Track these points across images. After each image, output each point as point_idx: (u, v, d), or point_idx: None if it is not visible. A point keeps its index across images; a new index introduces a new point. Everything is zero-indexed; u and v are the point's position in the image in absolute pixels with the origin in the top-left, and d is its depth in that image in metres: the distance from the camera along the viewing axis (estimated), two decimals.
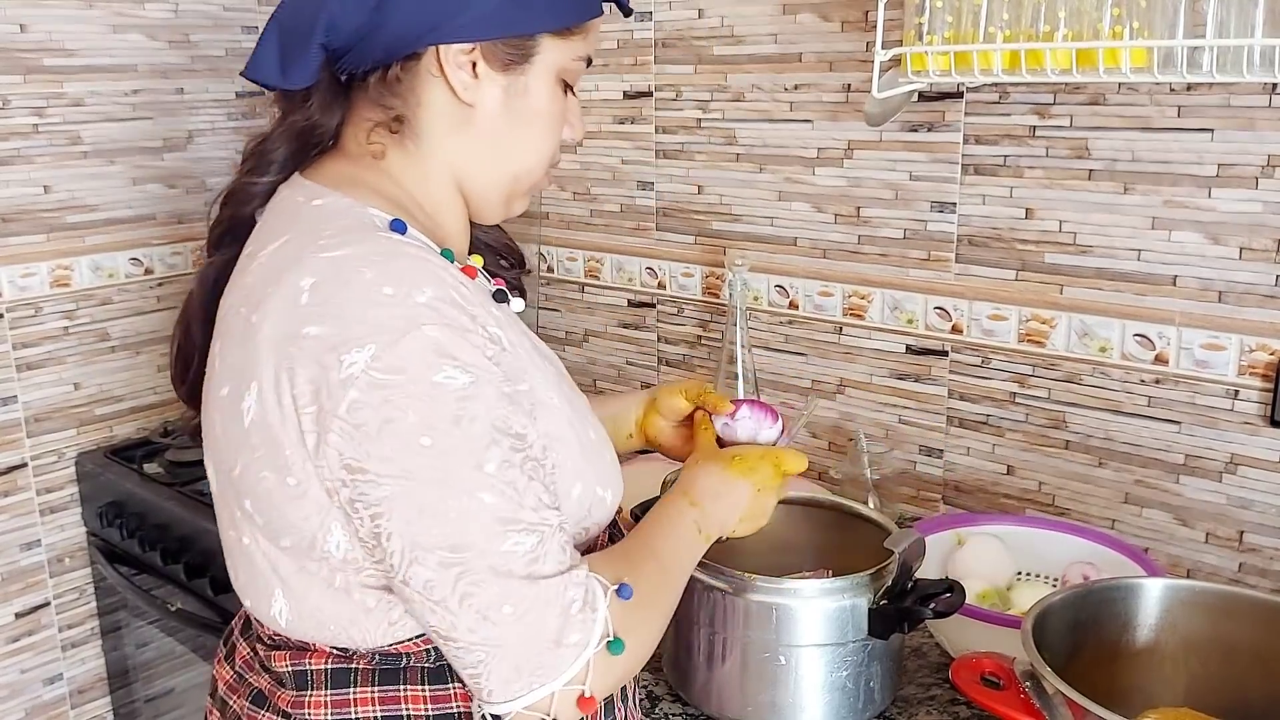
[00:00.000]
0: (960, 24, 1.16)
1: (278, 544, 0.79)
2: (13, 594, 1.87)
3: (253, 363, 0.75)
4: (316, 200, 0.81)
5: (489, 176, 0.87)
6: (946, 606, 0.99)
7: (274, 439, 0.75)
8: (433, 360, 0.71)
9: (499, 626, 0.73)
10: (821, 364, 1.57)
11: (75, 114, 1.85)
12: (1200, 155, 1.20)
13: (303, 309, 0.73)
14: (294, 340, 0.73)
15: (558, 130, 0.88)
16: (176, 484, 1.75)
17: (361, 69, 0.81)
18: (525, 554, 0.74)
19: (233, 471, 0.79)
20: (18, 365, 1.83)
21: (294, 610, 0.81)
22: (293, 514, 0.77)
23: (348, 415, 0.71)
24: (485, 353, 0.75)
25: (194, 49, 1.98)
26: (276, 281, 0.76)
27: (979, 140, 1.36)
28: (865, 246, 1.49)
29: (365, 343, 0.71)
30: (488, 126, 0.84)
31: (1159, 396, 1.28)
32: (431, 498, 0.72)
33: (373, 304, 0.72)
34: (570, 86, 0.88)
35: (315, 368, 0.72)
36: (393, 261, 0.75)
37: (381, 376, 0.70)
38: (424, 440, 0.71)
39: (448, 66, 0.80)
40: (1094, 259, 1.30)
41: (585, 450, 0.86)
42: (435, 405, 0.71)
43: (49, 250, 1.85)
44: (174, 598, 1.71)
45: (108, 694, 2.01)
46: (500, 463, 0.73)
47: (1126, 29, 1.05)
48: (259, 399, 0.75)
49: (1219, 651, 0.97)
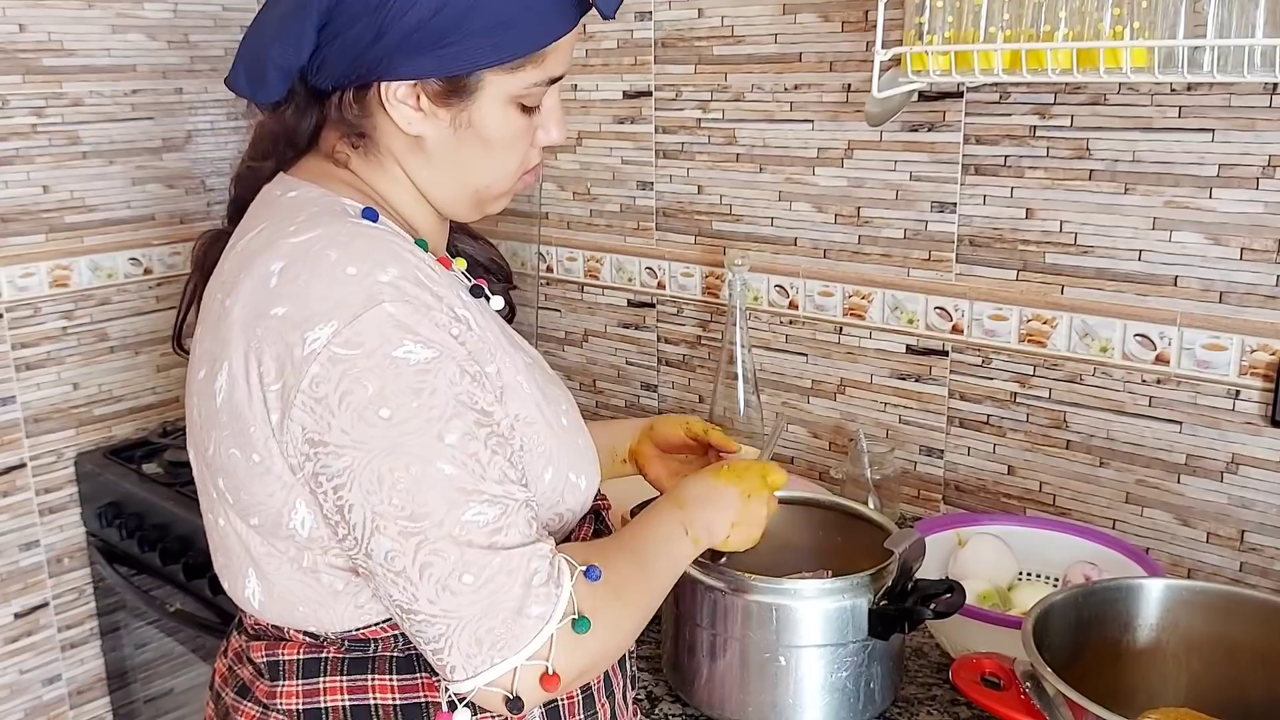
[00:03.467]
0: (961, 24, 1.16)
1: (248, 522, 0.81)
2: (12, 594, 1.87)
3: (224, 344, 0.78)
4: (291, 192, 0.85)
5: (449, 192, 0.88)
6: (947, 607, 0.99)
7: (240, 416, 0.77)
8: (391, 335, 0.73)
9: (459, 596, 0.73)
10: (822, 364, 1.57)
11: (74, 114, 1.85)
12: (1201, 156, 1.20)
13: (271, 291, 0.76)
14: (262, 321, 0.75)
15: (516, 149, 0.87)
16: (175, 484, 1.75)
17: (325, 87, 0.84)
18: (487, 524, 0.74)
19: (207, 452, 0.82)
20: (17, 365, 1.83)
21: (266, 592, 0.83)
22: (259, 491, 0.79)
23: (309, 389, 0.73)
24: (450, 330, 0.76)
25: (193, 49, 1.98)
26: (248, 266, 0.79)
27: (980, 140, 1.36)
28: (866, 246, 1.49)
29: (328, 319, 0.73)
30: (439, 153, 0.85)
31: (1160, 397, 1.28)
32: (389, 467, 0.73)
33: (336, 283, 0.74)
34: (531, 108, 0.86)
35: (280, 345, 0.74)
36: (356, 241, 0.77)
37: (341, 351, 0.73)
38: (382, 412, 0.73)
39: (388, 103, 0.82)
40: (1095, 259, 1.29)
41: (556, 435, 0.86)
42: (394, 378, 0.73)
43: (48, 250, 1.85)
44: (173, 598, 1.70)
45: (107, 694, 2.01)
46: (461, 435, 0.74)
47: (1127, 29, 1.05)
48: (229, 378, 0.77)
49: (1220, 652, 0.97)
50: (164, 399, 2.02)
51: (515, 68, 0.82)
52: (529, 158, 0.89)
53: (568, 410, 0.91)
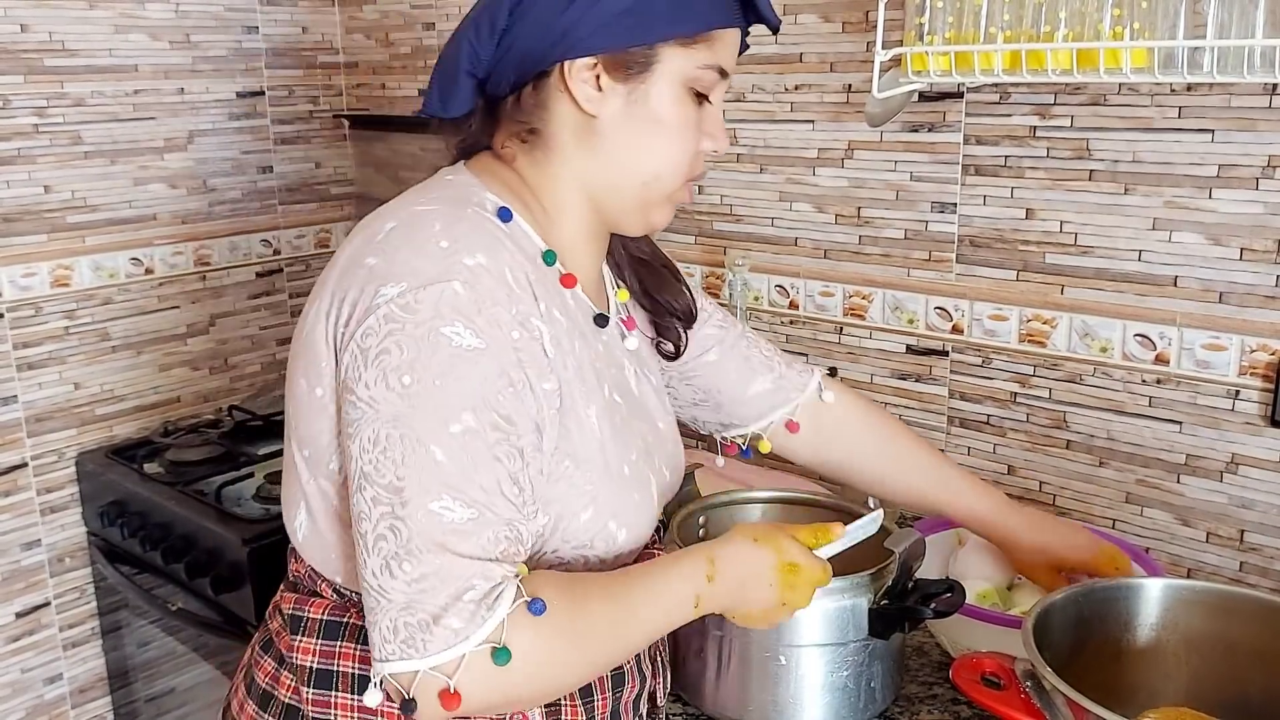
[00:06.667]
0: (961, 24, 1.16)
1: (301, 453, 0.85)
2: (13, 594, 1.87)
3: (324, 283, 0.83)
4: (450, 176, 0.90)
5: (617, 184, 0.88)
6: (947, 606, 0.99)
7: (313, 350, 0.81)
8: (446, 312, 0.75)
9: (394, 580, 0.73)
10: (823, 364, 1.57)
11: (76, 114, 1.85)
12: (1201, 156, 1.20)
13: (373, 244, 0.81)
14: (355, 268, 0.80)
15: (688, 139, 0.88)
16: (177, 484, 1.75)
17: (503, 91, 0.87)
18: (450, 523, 0.74)
19: (290, 382, 0.86)
20: (18, 365, 1.83)
21: (309, 528, 0.87)
22: (314, 424, 0.82)
23: (359, 339, 0.77)
24: (510, 331, 0.78)
25: (196, 49, 1.98)
26: (371, 222, 0.84)
27: (980, 141, 1.36)
28: (866, 247, 1.50)
29: (401, 280, 0.77)
30: (612, 135, 0.86)
31: (1160, 397, 1.28)
32: (386, 433, 0.74)
33: (424, 251, 0.78)
34: (704, 96, 0.88)
35: (358, 292, 0.78)
36: (462, 224, 0.81)
37: (398, 311, 0.76)
38: (405, 379, 0.74)
39: (572, 81, 0.84)
40: (1095, 259, 1.30)
41: (612, 480, 0.86)
42: (430, 351, 0.75)
43: (50, 250, 1.85)
44: (174, 597, 1.71)
45: (108, 694, 2.01)
46: (468, 429, 0.75)
47: (1127, 30, 1.05)
48: (315, 314, 0.82)
49: (1220, 651, 0.97)
50: (165, 399, 2.03)
51: (691, 43, 0.85)
52: (695, 162, 0.90)
53: (636, 462, 0.90)
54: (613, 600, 0.80)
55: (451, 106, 0.88)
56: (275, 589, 1.69)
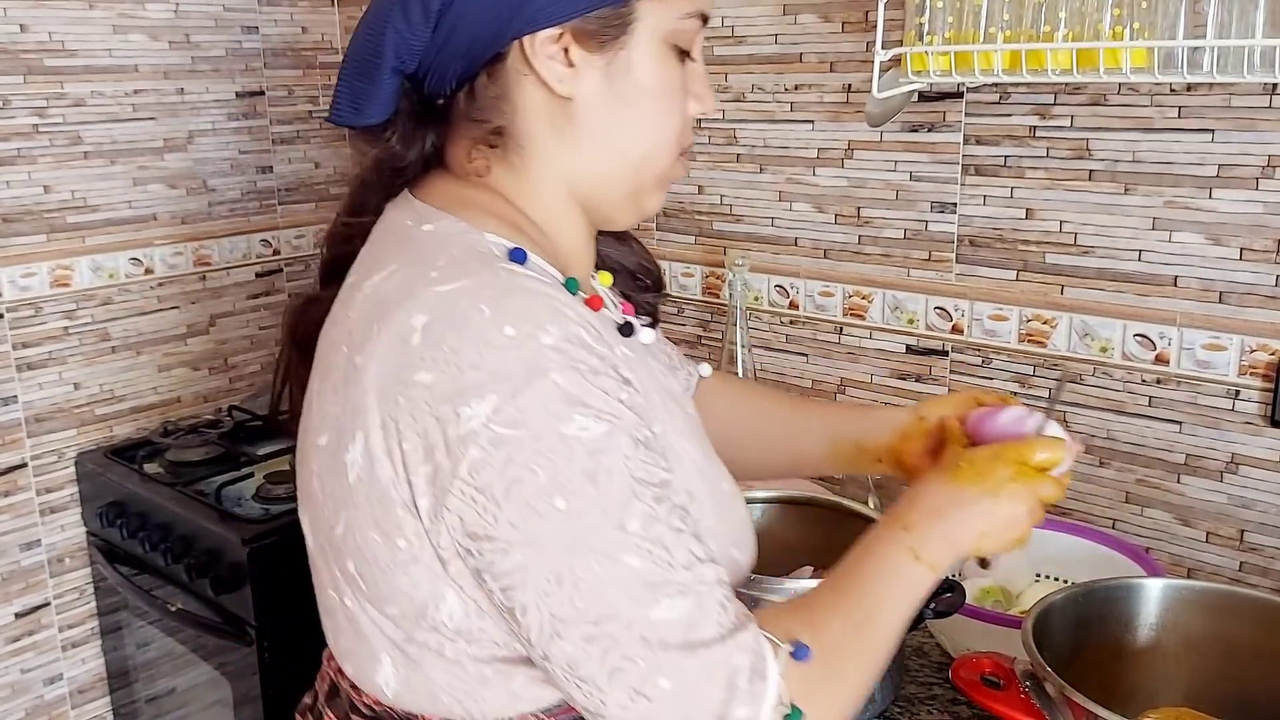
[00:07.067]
0: (961, 24, 1.16)
1: (384, 610, 0.72)
2: (13, 594, 1.87)
3: (357, 411, 0.68)
4: (427, 224, 0.74)
5: (606, 174, 0.77)
6: (947, 606, 0.99)
7: (383, 498, 0.68)
8: (561, 410, 0.64)
9: (655, 703, 0.65)
10: (822, 364, 1.57)
11: (76, 114, 1.85)
12: (1201, 156, 1.20)
13: (413, 352, 0.66)
14: (404, 388, 0.66)
15: (677, 104, 0.77)
16: (177, 484, 1.75)
17: (447, 88, 0.75)
18: (680, 620, 0.65)
19: (334, 530, 0.72)
20: (18, 365, 1.83)
21: (402, 681, 0.74)
22: (402, 581, 0.70)
23: (469, 477, 0.64)
24: (619, 396, 0.67)
25: (195, 49, 1.98)
26: (383, 319, 0.68)
27: (980, 140, 1.36)
28: (866, 247, 1.50)
29: (485, 393, 0.64)
30: (593, 118, 0.74)
31: (1160, 397, 1.28)
32: (569, 565, 0.64)
33: (491, 347, 0.64)
34: (686, 52, 0.77)
35: (428, 421, 0.65)
36: (511, 296, 0.67)
37: (504, 431, 0.63)
38: (557, 502, 0.64)
39: (536, 60, 0.72)
40: (1095, 259, 1.30)
41: (719, 504, 0.78)
42: (567, 461, 0.64)
43: (49, 250, 1.85)
44: (174, 598, 1.71)
45: (108, 694, 2.01)
46: (644, 518, 0.66)
47: (1127, 29, 1.05)
48: (365, 453, 0.68)
49: (1220, 651, 0.97)
50: (165, 399, 2.03)
51: None
52: (685, 131, 0.79)
53: (724, 470, 0.81)
54: (843, 610, 0.73)
55: (367, 111, 0.75)
56: (275, 589, 1.68)
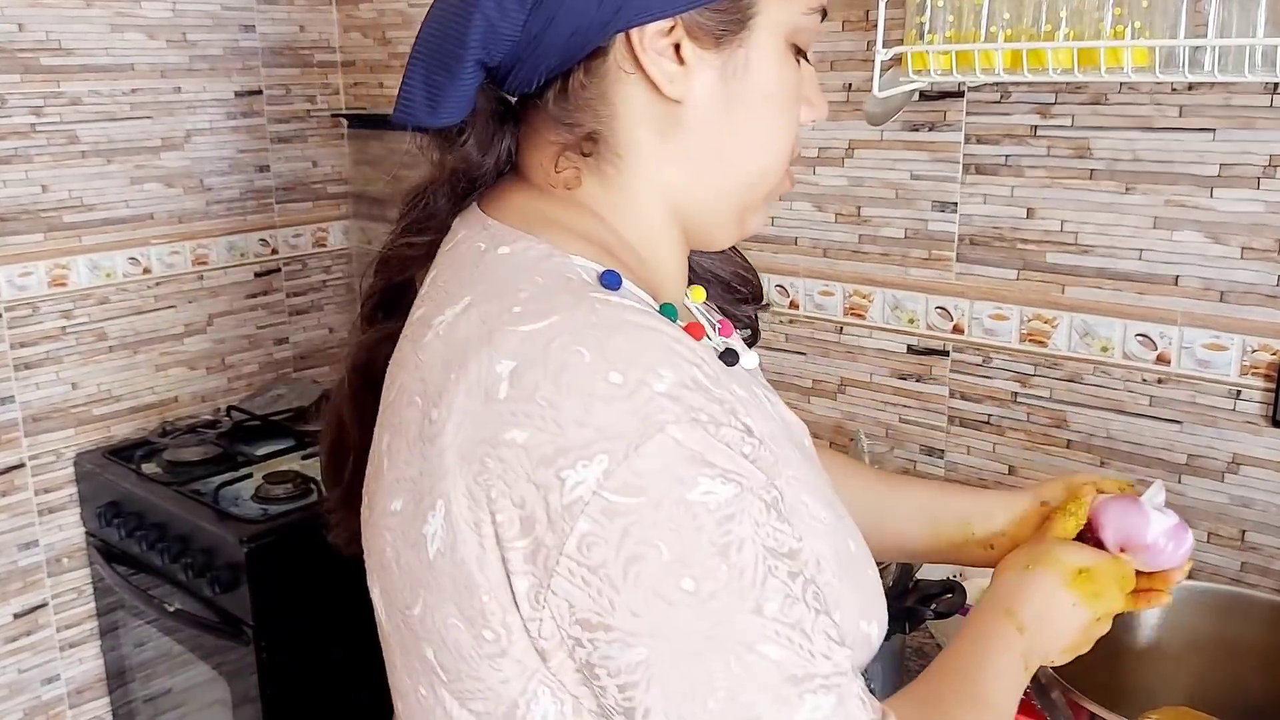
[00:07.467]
0: (961, 23, 1.16)
1: (466, 705, 0.62)
2: (11, 594, 1.86)
3: (436, 474, 0.58)
4: (503, 247, 0.64)
5: (714, 188, 0.68)
6: (947, 607, 0.99)
7: (468, 579, 0.58)
8: (684, 472, 0.54)
9: None
10: (822, 363, 1.57)
11: (73, 113, 1.84)
12: (1201, 155, 1.20)
13: (501, 405, 0.56)
14: (492, 449, 0.55)
15: (795, 112, 0.68)
16: (175, 484, 1.74)
17: (535, 84, 0.65)
18: (827, 716, 0.56)
19: (410, 609, 0.62)
20: (15, 365, 1.82)
21: None
22: (488, 675, 0.59)
23: (579, 554, 0.54)
24: (743, 450, 0.57)
25: (192, 48, 1.97)
26: (462, 365, 0.58)
27: (980, 140, 1.36)
28: (866, 246, 1.49)
29: (593, 453, 0.53)
30: (704, 124, 0.65)
31: (1161, 396, 1.28)
32: (704, 665, 0.54)
33: (597, 399, 0.54)
34: (803, 52, 0.69)
35: (525, 487, 0.55)
36: (615, 336, 0.57)
37: (619, 500, 0.53)
38: (685, 584, 0.54)
39: (644, 57, 0.63)
40: (1095, 259, 1.29)
41: (845, 569, 0.67)
42: (694, 534, 0.54)
43: (47, 250, 1.84)
44: (172, 598, 1.70)
45: (106, 694, 2.01)
46: (782, 599, 0.56)
47: (1128, 29, 1.05)
48: (446, 523, 0.58)
49: (1221, 651, 0.97)
50: (163, 399, 2.02)
51: None
52: (795, 141, 0.70)
53: (851, 527, 0.70)
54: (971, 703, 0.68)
55: (445, 109, 0.64)
56: (272, 589, 1.69)
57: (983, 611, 0.74)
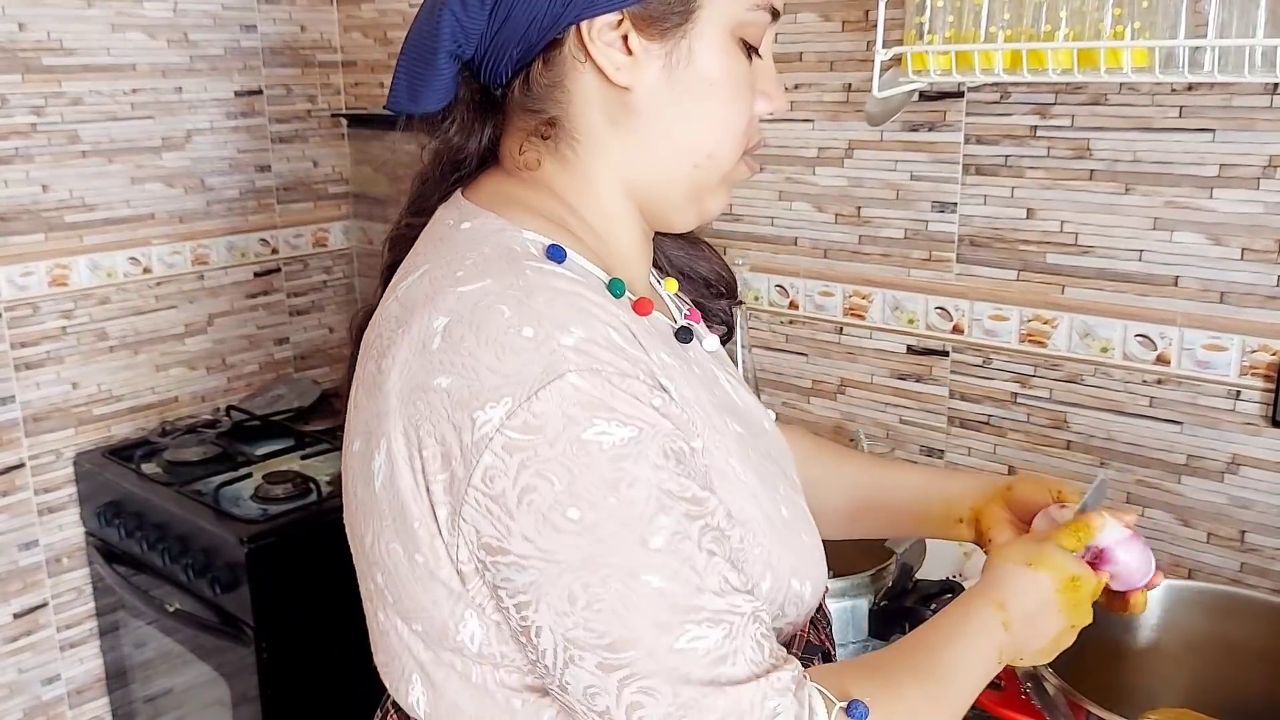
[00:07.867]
0: (961, 23, 1.16)
1: (410, 626, 0.69)
2: (11, 594, 1.87)
3: (381, 416, 0.65)
4: (465, 223, 0.71)
5: (664, 171, 0.73)
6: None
7: (404, 508, 0.65)
8: (578, 413, 0.60)
9: None
10: (822, 364, 1.57)
11: (74, 113, 1.84)
12: (1201, 156, 1.20)
13: (433, 355, 0.63)
14: (423, 393, 0.63)
15: (742, 100, 0.73)
16: (175, 484, 1.74)
17: (504, 74, 0.72)
18: (708, 652, 0.60)
19: (364, 538, 0.70)
20: (16, 365, 1.82)
21: (432, 702, 0.71)
22: (422, 596, 0.66)
23: (483, 485, 0.60)
24: (651, 401, 0.62)
25: (193, 48, 1.98)
26: (408, 322, 0.66)
27: (980, 140, 1.36)
28: (866, 246, 1.49)
29: (501, 396, 0.60)
30: (652, 110, 0.70)
31: (1160, 397, 1.28)
32: (584, 583, 0.59)
33: (509, 350, 0.61)
34: (754, 48, 0.73)
35: (445, 426, 0.62)
36: (535, 296, 0.64)
37: (518, 436, 0.59)
38: (571, 513, 0.59)
39: (593, 47, 0.69)
40: (1095, 259, 1.29)
41: (776, 531, 0.71)
42: (584, 468, 0.59)
43: (47, 249, 1.84)
44: (172, 598, 1.70)
45: (106, 694, 2.01)
46: (671, 534, 0.60)
47: (1128, 29, 1.05)
48: (388, 459, 0.65)
49: (1220, 652, 0.97)
50: (163, 398, 2.02)
51: None
52: (751, 129, 0.75)
53: (787, 495, 0.75)
54: (925, 677, 0.69)
55: (424, 98, 0.72)
56: (272, 589, 1.69)
57: (973, 598, 0.76)
